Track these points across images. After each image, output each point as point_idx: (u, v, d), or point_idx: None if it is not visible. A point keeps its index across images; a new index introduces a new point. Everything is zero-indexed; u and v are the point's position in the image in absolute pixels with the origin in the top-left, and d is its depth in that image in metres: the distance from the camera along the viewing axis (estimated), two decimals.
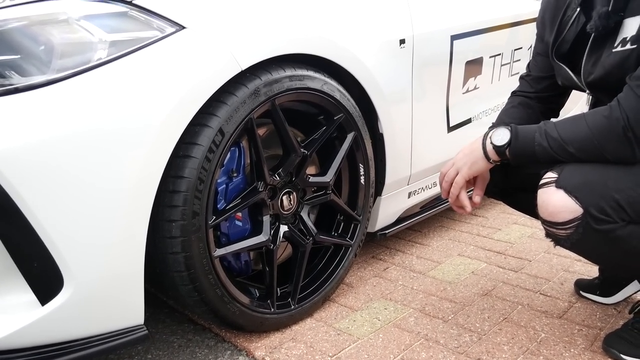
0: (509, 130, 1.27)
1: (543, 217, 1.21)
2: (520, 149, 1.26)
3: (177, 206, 1.23)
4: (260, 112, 1.36)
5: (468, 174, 1.35)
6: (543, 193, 1.21)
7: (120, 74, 1.14)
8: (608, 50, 1.23)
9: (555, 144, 1.21)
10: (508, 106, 1.60)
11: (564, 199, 1.16)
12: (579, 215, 1.15)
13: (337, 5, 1.55)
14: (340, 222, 1.71)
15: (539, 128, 1.24)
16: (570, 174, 1.18)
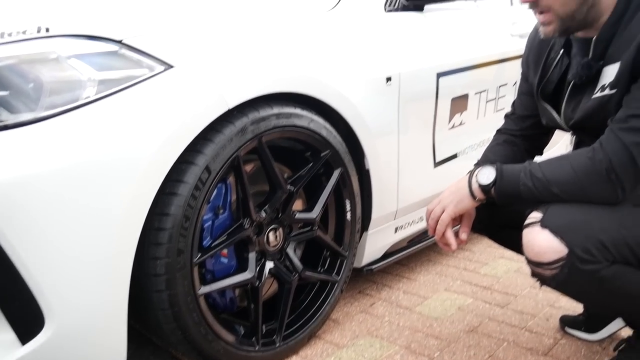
0: (494, 169, 1.29)
1: (529, 257, 1.22)
2: (505, 188, 1.27)
3: (162, 244, 1.23)
4: (248, 149, 1.37)
5: (454, 211, 1.36)
6: (528, 233, 1.21)
7: (108, 111, 1.15)
8: (588, 97, 1.26)
9: (540, 184, 1.22)
10: (493, 143, 1.62)
11: (549, 239, 1.17)
12: (564, 255, 1.15)
13: (324, 45, 1.58)
14: (326, 257, 1.71)
15: (524, 168, 1.26)
16: (555, 214, 1.19)
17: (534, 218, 1.21)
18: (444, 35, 2.03)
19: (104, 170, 1.13)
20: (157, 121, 1.18)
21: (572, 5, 1.20)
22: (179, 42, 1.28)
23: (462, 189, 1.35)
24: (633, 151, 1.13)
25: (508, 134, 1.60)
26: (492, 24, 2.34)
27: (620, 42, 1.19)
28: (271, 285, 1.61)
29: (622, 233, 1.16)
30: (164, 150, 1.19)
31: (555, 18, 1.22)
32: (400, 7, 1.88)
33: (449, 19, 2.10)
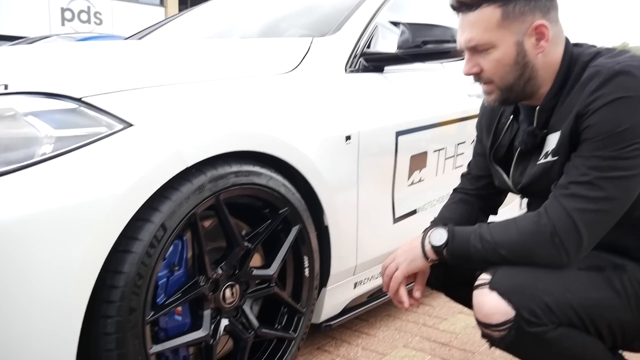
0: (446, 231, 1.32)
1: (478, 319, 1.24)
2: (456, 250, 1.31)
3: (113, 302, 1.22)
4: (205, 206, 1.38)
5: (407, 270, 1.39)
6: (478, 294, 1.24)
7: (64, 169, 1.16)
8: (533, 162, 1.32)
9: (489, 246, 1.26)
10: (449, 202, 1.66)
11: (497, 301, 1.20)
12: (511, 317, 1.18)
13: (285, 104, 1.62)
14: (283, 314, 1.70)
15: (474, 230, 1.30)
16: (503, 276, 1.22)
17: (483, 280, 1.24)
18: (403, 95, 2.10)
19: (58, 227, 1.13)
20: (113, 179, 1.19)
21: (509, 79, 1.28)
22: (138, 101, 1.30)
23: (415, 248, 1.38)
24: (574, 217, 1.18)
25: (464, 193, 1.64)
26: (451, 85, 2.43)
27: (560, 112, 1.26)
28: (226, 342, 1.60)
29: (566, 296, 1.20)
30: (120, 207, 1.19)
31: (496, 89, 1.30)
32: (360, 68, 1.95)
33: (409, 79, 2.18)
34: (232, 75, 1.56)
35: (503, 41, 1.26)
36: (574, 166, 1.21)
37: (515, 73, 1.27)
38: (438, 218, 1.61)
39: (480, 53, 1.28)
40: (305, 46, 1.83)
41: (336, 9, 2.19)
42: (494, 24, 1.25)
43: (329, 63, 1.84)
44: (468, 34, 1.28)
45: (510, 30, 1.25)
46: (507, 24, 1.25)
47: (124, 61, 1.52)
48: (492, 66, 1.28)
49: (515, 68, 1.27)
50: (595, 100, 1.17)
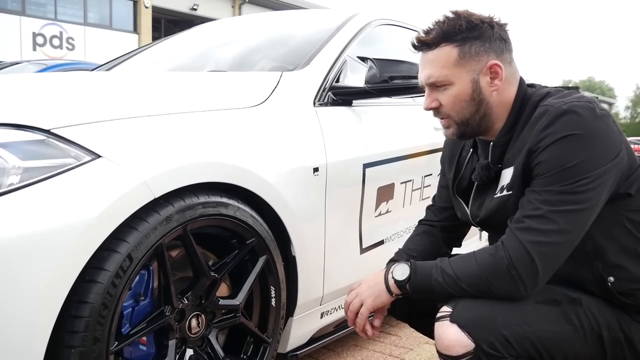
0: (408, 266, 1.36)
1: (439, 350, 1.27)
2: (418, 283, 1.34)
3: (77, 332, 1.22)
4: (172, 237, 1.39)
5: (372, 306, 1.41)
6: (439, 327, 1.28)
7: (32, 199, 1.17)
8: (490, 196, 1.38)
9: (450, 279, 1.29)
10: (414, 234, 1.71)
11: (457, 334, 1.23)
12: (470, 350, 1.22)
13: (253, 137, 1.65)
14: (250, 344, 1.71)
15: (435, 265, 1.34)
16: (463, 309, 1.26)
17: (444, 312, 1.28)
18: (371, 128, 2.16)
19: (23, 256, 1.13)
20: (80, 209, 1.20)
21: (466, 114, 1.36)
22: (107, 133, 1.32)
23: (379, 284, 1.40)
24: (529, 249, 1.23)
25: (428, 224, 1.69)
26: (419, 118, 2.50)
27: (514, 148, 1.33)
28: None
29: (525, 329, 1.24)
30: (86, 237, 1.20)
31: (453, 123, 1.38)
32: (329, 102, 2.00)
33: (377, 112, 2.24)
34: (201, 108, 1.59)
35: (460, 78, 1.34)
36: (528, 200, 1.26)
37: (471, 109, 1.35)
38: (402, 249, 1.65)
39: (439, 89, 1.36)
40: (275, 80, 1.88)
41: (306, 43, 2.25)
42: (451, 62, 1.33)
43: (297, 97, 1.89)
44: (428, 71, 1.36)
45: (466, 68, 1.33)
46: (463, 63, 1.33)
47: (93, 93, 1.54)
48: (449, 101, 1.35)
49: (471, 104, 1.35)
50: (544, 138, 1.24)
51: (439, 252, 1.63)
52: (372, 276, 1.44)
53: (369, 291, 1.42)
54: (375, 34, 2.48)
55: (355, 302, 1.44)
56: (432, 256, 1.56)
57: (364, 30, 2.37)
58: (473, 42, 1.32)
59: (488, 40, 1.33)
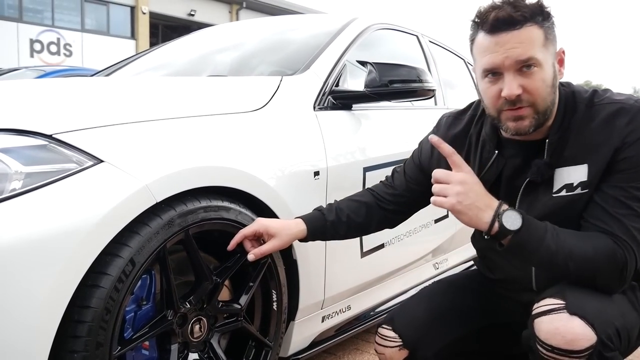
0: (521, 217, 1.25)
1: (556, 345, 1.18)
2: (526, 241, 1.24)
3: (80, 337, 1.22)
4: (174, 241, 1.40)
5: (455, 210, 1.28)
6: (555, 320, 1.19)
7: (34, 204, 1.17)
8: (544, 196, 1.34)
9: (562, 252, 1.22)
10: (357, 198, 1.67)
11: (582, 327, 1.17)
12: (594, 343, 1.16)
13: (254, 141, 1.66)
14: (251, 347, 1.70)
15: (548, 229, 1.25)
16: (579, 301, 1.20)
17: (554, 304, 1.21)
18: (371, 132, 2.17)
19: (26, 261, 1.13)
20: (82, 214, 1.20)
21: (548, 101, 1.29)
22: (108, 138, 1.32)
23: (481, 213, 1.27)
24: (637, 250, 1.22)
25: (375, 198, 1.65)
26: (417, 122, 2.51)
27: (576, 146, 1.30)
28: None
29: (622, 320, 1.22)
30: (88, 242, 1.20)
31: (532, 113, 1.28)
32: (329, 106, 2.01)
33: (376, 116, 2.25)
34: (202, 113, 1.60)
35: (546, 61, 1.27)
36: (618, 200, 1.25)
37: (552, 96, 1.29)
38: (335, 207, 1.62)
39: (524, 73, 1.26)
40: (275, 84, 1.88)
41: (305, 47, 2.26)
42: (541, 42, 1.26)
43: (297, 101, 1.89)
44: (520, 50, 1.25)
45: (549, 50, 1.28)
46: (547, 45, 1.28)
47: (94, 98, 1.54)
48: (537, 86, 1.26)
49: (552, 90, 1.29)
50: (630, 133, 1.24)
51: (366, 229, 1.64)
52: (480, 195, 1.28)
53: (468, 201, 1.27)
54: (374, 38, 2.49)
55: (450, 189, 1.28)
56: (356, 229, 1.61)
57: (363, 35, 2.38)
58: (550, 25, 1.28)
59: (554, 25, 1.29)
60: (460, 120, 1.53)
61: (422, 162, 1.62)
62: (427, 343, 1.43)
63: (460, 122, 1.53)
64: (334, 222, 1.60)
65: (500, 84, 1.29)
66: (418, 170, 1.63)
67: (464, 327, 1.42)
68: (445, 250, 2.77)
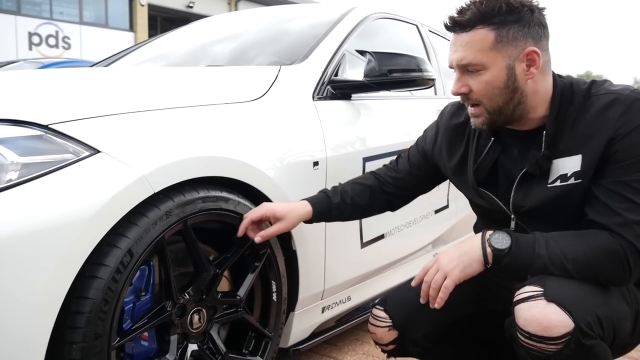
0: (508, 235, 1.28)
1: (533, 332, 1.18)
2: (519, 255, 1.26)
3: (79, 327, 1.22)
4: (172, 232, 1.39)
5: (459, 278, 1.30)
6: (532, 307, 1.19)
7: (30, 195, 1.16)
8: (540, 186, 1.33)
9: (556, 258, 1.23)
10: (362, 181, 1.68)
11: (557, 313, 1.17)
12: (570, 330, 1.16)
13: (252, 131, 1.65)
14: (251, 338, 1.70)
15: (536, 238, 1.27)
16: (557, 288, 1.20)
17: (532, 292, 1.21)
18: (370, 122, 2.15)
19: (22, 252, 1.12)
20: (79, 205, 1.19)
21: (498, 102, 1.30)
22: (105, 128, 1.31)
23: (470, 253, 1.30)
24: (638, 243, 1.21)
25: (379, 181, 1.67)
26: (417, 112, 2.50)
27: (571, 137, 1.29)
28: None
29: (606, 309, 1.21)
30: (86, 233, 1.20)
31: (484, 111, 1.32)
32: (328, 95, 1.99)
33: (376, 106, 2.23)
34: (200, 103, 1.58)
35: (494, 64, 1.28)
36: (616, 192, 1.24)
37: (505, 97, 1.29)
38: (340, 189, 1.64)
39: (471, 74, 1.30)
40: (273, 74, 1.87)
41: (304, 37, 2.24)
42: (487, 46, 1.27)
43: (296, 90, 1.88)
44: (460, 54, 1.30)
45: (502, 53, 1.27)
46: (499, 47, 1.27)
47: (91, 88, 1.53)
48: (481, 88, 1.30)
49: (505, 91, 1.29)
50: (623, 125, 1.23)
51: (369, 211, 1.67)
52: (456, 247, 1.34)
53: (456, 261, 1.31)
54: (373, 28, 2.47)
55: (438, 277, 1.32)
56: (360, 211, 1.64)
57: (362, 24, 2.36)
58: (511, 26, 1.26)
59: (527, 24, 1.27)
60: (463, 110, 1.53)
61: (426, 149, 1.64)
62: (416, 326, 1.44)
63: (463, 111, 1.52)
64: (338, 205, 1.62)
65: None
66: (421, 156, 1.65)
67: (454, 312, 1.42)
68: (445, 241, 2.76)
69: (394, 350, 1.50)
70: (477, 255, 1.29)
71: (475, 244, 1.31)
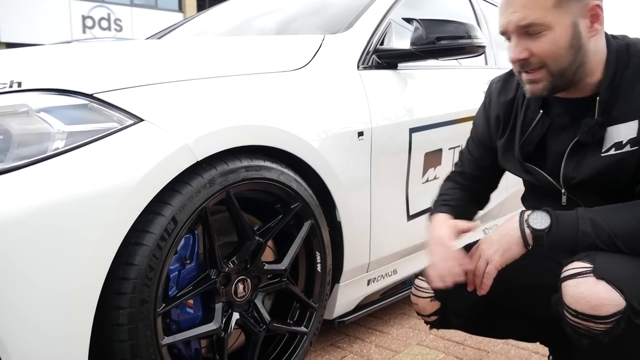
0: (547, 214, 1.22)
1: (580, 310, 1.13)
2: (561, 235, 1.20)
3: (125, 293, 1.24)
4: (215, 201, 1.39)
5: (501, 262, 1.26)
6: (580, 284, 1.14)
7: (76, 163, 1.18)
8: (593, 156, 1.26)
9: (602, 233, 1.18)
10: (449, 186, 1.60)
11: (608, 291, 1.11)
12: (622, 309, 1.10)
13: (295, 100, 1.63)
14: (296, 309, 1.71)
15: (579, 215, 1.21)
16: (607, 265, 1.14)
17: (581, 268, 1.15)
18: (417, 92, 2.10)
19: (69, 219, 1.15)
20: (124, 173, 1.21)
21: (564, 63, 1.20)
22: (149, 97, 1.32)
23: (509, 236, 1.25)
24: None
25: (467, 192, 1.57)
26: (466, 82, 2.42)
27: (627, 102, 1.21)
28: (239, 336, 1.61)
29: None
30: (130, 200, 1.21)
31: (547, 75, 1.22)
32: (373, 65, 1.95)
33: (423, 76, 2.17)
34: (244, 72, 1.57)
35: (559, 22, 1.18)
36: None
37: (570, 57, 1.20)
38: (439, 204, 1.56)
39: (531, 36, 1.20)
40: (317, 43, 1.84)
41: (349, 6, 2.19)
42: (550, 3, 1.18)
43: (340, 60, 1.85)
44: (520, 14, 1.19)
45: (566, 10, 1.18)
46: (563, 4, 1.18)
47: (135, 59, 1.53)
48: (545, 49, 1.19)
49: (570, 52, 1.20)
50: None
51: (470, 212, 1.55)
52: (496, 231, 1.29)
53: (495, 246, 1.26)
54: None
55: (480, 263, 1.29)
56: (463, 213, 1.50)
57: None
58: None
59: None
60: (509, 84, 1.45)
61: (482, 138, 1.54)
62: (459, 297, 1.39)
63: (510, 85, 1.44)
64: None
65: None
66: (482, 147, 1.54)
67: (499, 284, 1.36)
68: (494, 216, 2.69)
69: (436, 321, 1.47)
70: (516, 238, 1.24)
71: (514, 226, 1.25)
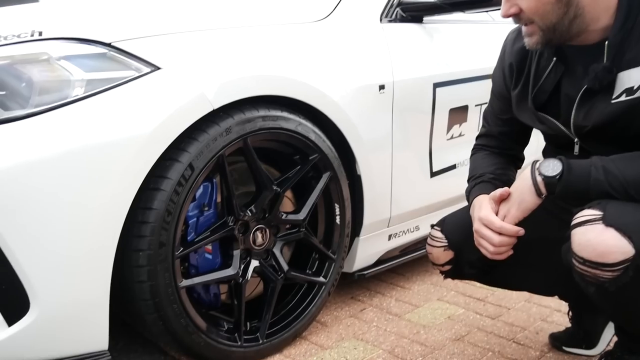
0: (559, 161, 1.21)
1: (588, 258, 1.13)
2: (573, 181, 1.19)
3: (144, 236, 1.29)
4: (233, 149, 1.42)
5: (517, 216, 1.27)
6: (588, 231, 1.13)
7: (95, 109, 1.22)
8: (604, 102, 1.23)
9: (615, 181, 1.16)
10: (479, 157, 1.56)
11: (616, 239, 1.10)
12: (630, 256, 1.09)
13: (315, 51, 1.63)
14: (315, 260, 1.74)
15: (592, 162, 1.20)
16: (617, 212, 1.13)
17: (590, 216, 1.14)
18: (443, 46, 2.06)
19: (89, 164, 1.20)
20: (142, 119, 1.25)
21: (552, 18, 1.20)
22: (167, 45, 1.34)
23: (522, 186, 1.25)
24: None
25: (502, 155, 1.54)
26: (496, 37, 2.36)
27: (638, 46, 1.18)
28: (258, 285, 1.65)
29: None
30: (148, 147, 1.25)
31: (538, 30, 1.23)
32: (397, 18, 1.92)
33: (449, 30, 2.13)
34: (263, 22, 1.58)
35: None
36: None
37: (558, 12, 1.19)
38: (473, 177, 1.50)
39: None
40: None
41: None
42: None
43: (362, 12, 1.82)
44: None
45: None
46: None
47: (155, 8, 1.56)
48: (530, 6, 1.20)
49: (557, 6, 1.19)
50: None
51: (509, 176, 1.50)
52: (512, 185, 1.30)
53: (511, 200, 1.27)
54: None
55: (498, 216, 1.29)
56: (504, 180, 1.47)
57: None
58: None
59: None
60: None
61: (500, 90, 1.51)
62: (472, 247, 1.39)
63: None
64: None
65: None
66: (502, 99, 1.51)
67: None
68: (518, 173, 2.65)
69: (450, 271, 1.48)
70: (528, 187, 1.23)
71: (526, 176, 1.24)
